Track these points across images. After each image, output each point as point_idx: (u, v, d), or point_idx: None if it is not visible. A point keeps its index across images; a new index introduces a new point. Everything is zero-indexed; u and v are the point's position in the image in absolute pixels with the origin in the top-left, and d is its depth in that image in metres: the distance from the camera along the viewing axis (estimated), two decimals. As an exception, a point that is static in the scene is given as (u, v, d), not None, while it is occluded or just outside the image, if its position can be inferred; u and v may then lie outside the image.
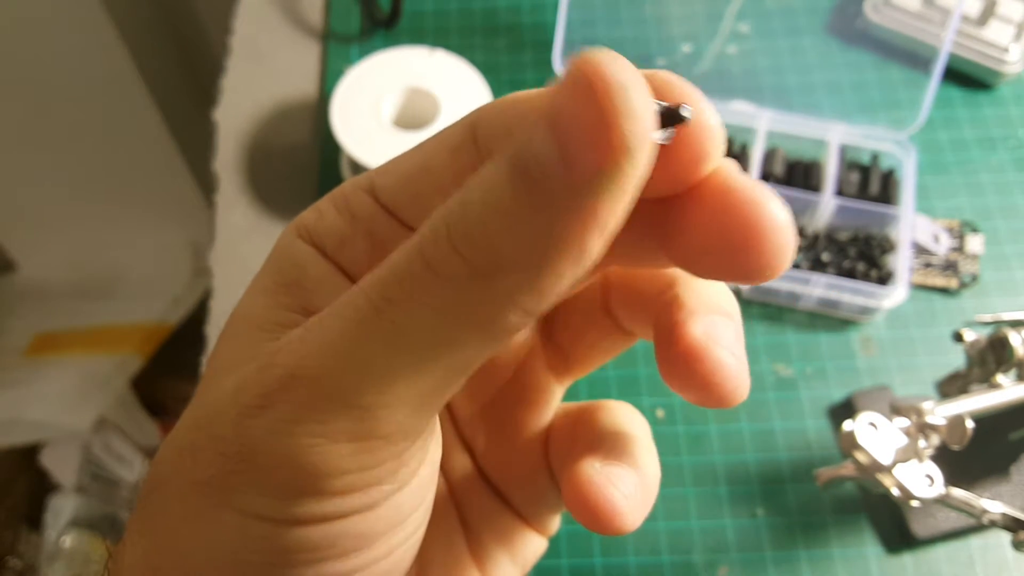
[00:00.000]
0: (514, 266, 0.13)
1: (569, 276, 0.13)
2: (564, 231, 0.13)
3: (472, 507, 0.21)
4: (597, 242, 0.13)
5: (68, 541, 1.00)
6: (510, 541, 0.21)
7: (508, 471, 0.22)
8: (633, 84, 0.12)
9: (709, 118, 0.14)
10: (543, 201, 0.13)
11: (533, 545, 0.21)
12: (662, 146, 0.14)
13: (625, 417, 0.20)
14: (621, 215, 0.13)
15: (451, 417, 0.22)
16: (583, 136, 0.12)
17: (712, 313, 0.16)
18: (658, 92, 0.14)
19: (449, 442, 0.21)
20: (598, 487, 0.17)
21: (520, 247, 0.13)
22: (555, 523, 0.22)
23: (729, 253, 0.15)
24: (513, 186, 0.13)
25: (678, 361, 0.16)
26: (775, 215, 0.14)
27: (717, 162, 0.15)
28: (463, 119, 0.16)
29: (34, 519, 1.04)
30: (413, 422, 0.14)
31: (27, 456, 1.06)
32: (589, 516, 0.17)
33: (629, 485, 0.18)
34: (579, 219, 0.13)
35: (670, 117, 0.14)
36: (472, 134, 0.16)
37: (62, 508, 1.02)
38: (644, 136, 0.12)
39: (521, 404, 0.21)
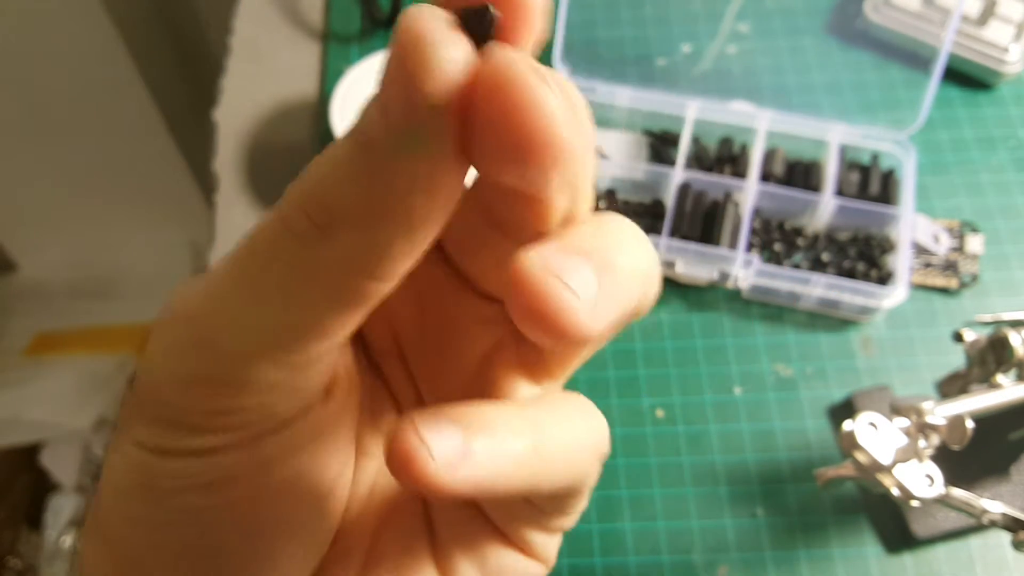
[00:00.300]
0: (351, 225, 0.13)
1: (404, 238, 0.14)
2: (391, 191, 0.13)
3: (439, 509, 0.19)
4: (424, 201, 0.13)
5: (68, 541, 1.00)
6: (481, 553, 0.18)
7: None
8: (433, 39, 0.12)
9: None
10: (371, 160, 0.13)
11: (511, 562, 0.19)
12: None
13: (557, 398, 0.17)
14: (451, 172, 0.13)
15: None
16: (395, 95, 0.13)
17: (565, 251, 0.14)
18: None
19: None
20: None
21: (354, 206, 0.13)
22: (546, 546, 0.19)
23: (492, 139, 0.13)
24: (351, 148, 0.13)
25: (505, 291, 0.14)
26: (526, 94, 0.13)
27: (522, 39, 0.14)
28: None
29: (34, 519, 1.04)
30: (273, 374, 0.15)
31: (27, 456, 1.06)
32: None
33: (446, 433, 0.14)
34: (402, 178, 0.13)
35: (477, 19, 0.13)
36: None
37: (62, 508, 1.02)
38: (447, 89, 0.12)
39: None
